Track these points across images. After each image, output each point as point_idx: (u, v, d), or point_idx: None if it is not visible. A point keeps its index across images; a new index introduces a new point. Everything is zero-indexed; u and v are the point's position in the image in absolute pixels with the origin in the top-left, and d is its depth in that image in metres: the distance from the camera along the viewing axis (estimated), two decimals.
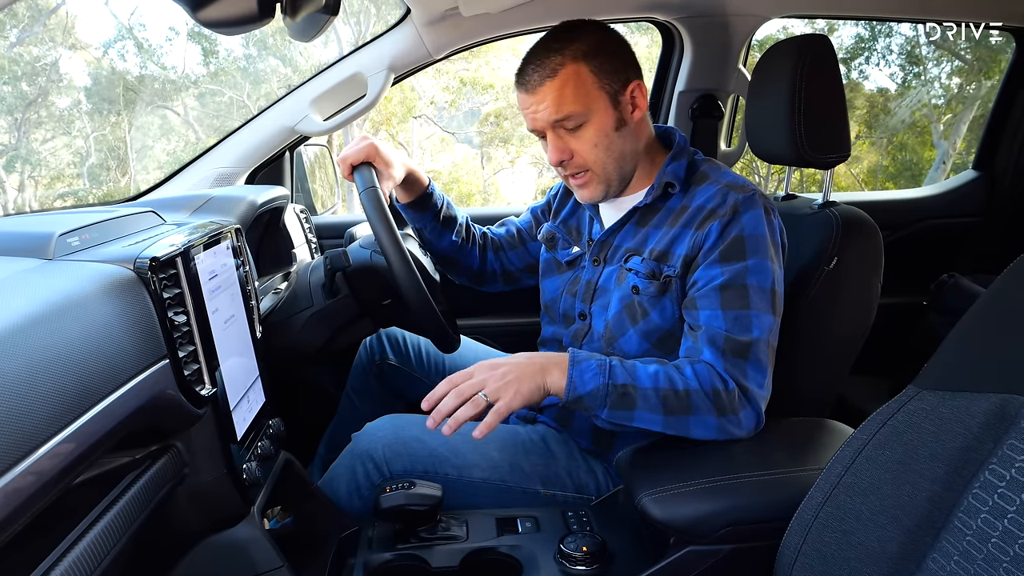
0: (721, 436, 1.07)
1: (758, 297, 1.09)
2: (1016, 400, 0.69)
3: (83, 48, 13.68)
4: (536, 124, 1.18)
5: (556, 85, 1.13)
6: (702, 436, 1.07)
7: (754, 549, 0.97)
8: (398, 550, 1.09)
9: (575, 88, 1.13)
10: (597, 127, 1.16)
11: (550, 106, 1.14)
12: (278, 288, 1.43)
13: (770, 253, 1.12)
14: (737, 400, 1.06)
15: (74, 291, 0.71)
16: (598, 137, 1.16)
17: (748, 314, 1.08)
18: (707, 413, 1.05)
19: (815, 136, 1.28)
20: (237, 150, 1.77)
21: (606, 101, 1.16)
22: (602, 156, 1.18)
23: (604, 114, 1.16)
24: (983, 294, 0.78)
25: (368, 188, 1.19)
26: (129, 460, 0.83)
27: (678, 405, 1.05)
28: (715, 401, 1.05)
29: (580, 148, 1.17)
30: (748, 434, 1.08)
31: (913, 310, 2.11)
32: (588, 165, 1.19)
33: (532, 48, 1.18)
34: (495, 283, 1.59)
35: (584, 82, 1.14)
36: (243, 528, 0.97)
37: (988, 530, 0.66)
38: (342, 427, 1.60)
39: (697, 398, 1.05)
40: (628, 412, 1.05)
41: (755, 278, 1.10)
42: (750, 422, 1.07)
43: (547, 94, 1.14)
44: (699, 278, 1.13)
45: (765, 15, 1.90)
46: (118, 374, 0.71)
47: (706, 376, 1.06)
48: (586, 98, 1.14)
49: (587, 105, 1.14)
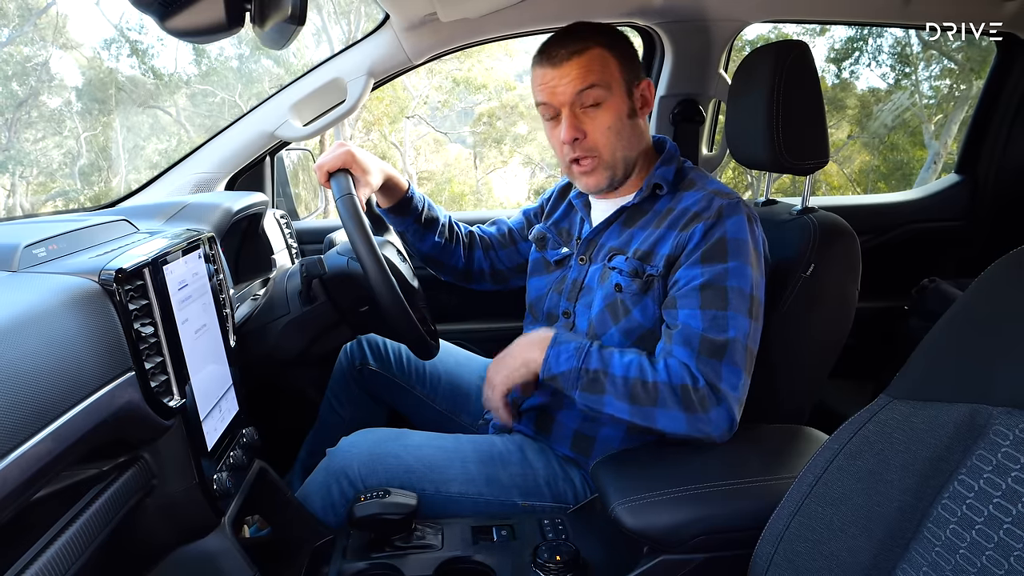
0: (693, 432, 1.07)
1: (737, 299, 1.10)
2: (985, 410, 0.69)
3: (74, 48, 13.63)
4: (556, 98, 1.19)
5: (584, 61, 1.17)
6: (670, 428, 1.08)
7: (727, 558, 0.97)
8: (372, 559, 1.08)
9: (601, 66, 1.18)
10: (613, 110, 1.19)
11: (576, 79, 1.17)
12: (256, 295, 1.42)
13: (751, 258, 1.13)
14: (707, 399, 1.07)
15: (35, 305, 0.71)
16: (612, 120, 1.19)
17: (725, 315, 1.10)
18: (673, 407, 1.07)
19: (793, 142, 1.28)
20: (216, 156, 1.76)
21: (623, 88, 1.20)
22: (613, 141, 1.20)
23: (621, 99, 1.20)
24: (953, 305, 0.78)
25: (344, 195, 1.18)
26: (96, 472, 0.82)
27: (645, 396, 1.07)
28: (683, 397, 1.06)
29: (594, 129, 1.20)
30: (721, 434, 1.08)
31: (895, 314, 2.12)
32: (598, 149, 1.21)
33: (555, 34, 1.22)
34: (483, 282, 1.59)
35: (609, 64, 1.18)
36: (213, 539, 0.97)
37: (957, 541, 0.66)
38: (323, 432, 1.60)
39: (664, 391, 1.07)
40: (598, 396, 1.10)
41: (735, 280, 1.11)
42: (722, 422, 1.07)
43: (573, 68, 1.17)
44: (680, 277, 1.14)
45: (745, 20, 1.90)
46: (79, 388, 0.70)
47: (677, 372, 1.08)
48: (609, 78, 1.18)
49: (608, 84, 1.18)
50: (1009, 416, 0.67)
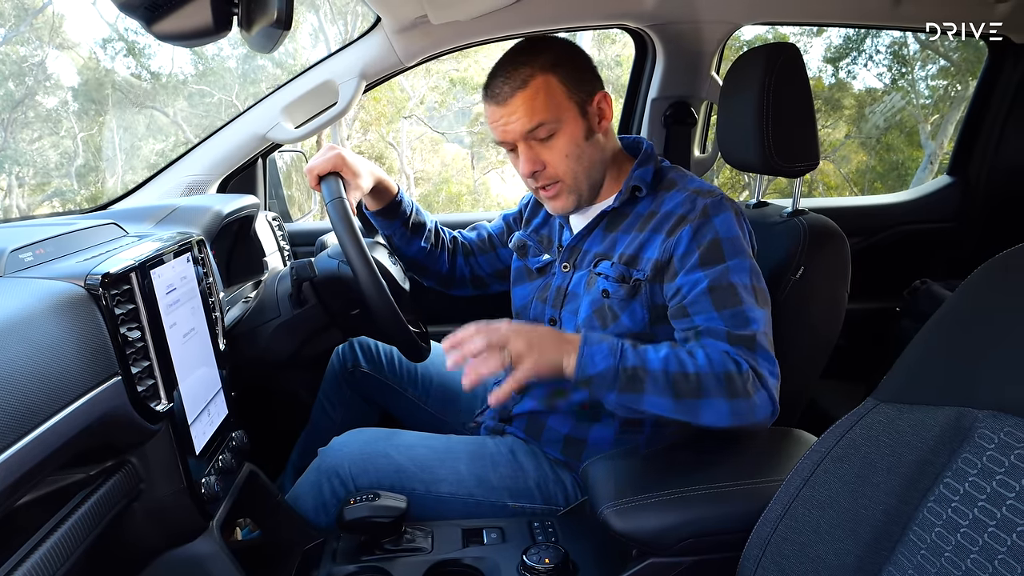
0: (737, 422, 1.04)
1: (746, 293, 1.10)
2: (971, 413, 0.69)
3: (70, 48, 13.59)
4: (507, 136, 1.17)
5: (528, 95, 1.13)
6: (713, 423, 1.04)
7: (716, 561, 0.97)
8: (362, 562, 1.08)
9: (546, 98, 1.14)
10: (568, 136, 1.16)
11: (522, 116, 1.14)
12: (248, 297, 1.42)
13: (747, 251, 1.13)
14: (751, 382, 1.04)
15: (20, 310, 0.71)
16: (569, 147, 1.17)
17: (742, 309, 1.09)
18: (718, 395, 1.03)
19: (784, 144, 1.29)
20: (208, 158, 1.75)
21: (575, 111, 1.17)
22: (573, 166, 1.18)
23: (574, 123, 1.17)
24: (939, 309, 0.78)
25: (334, 199, 1.18)
26: (83, 477, 0.82)
27: (687, 388, 1.03)
28: (727, 383, 1.03)
29: (551, 159, 1.18)
30: (764, 420, 1.06)
31: (887, 315, 2.12)
32: (559, 176, 1.19)
33: (498, 63, 1.18)
34: (464, 287, 1.58)
35: (554, 92, 1.14)
36: (201, 543, 0.97)
37: (942, 544, 0.66)
38: (315, 434, 1.60)
39: (708, 380, 1.03)
40: (637, 395, 1.04)
41: (738, 276, 1.10)
42: (765, 406, 1.05)
43: (518, 105, 1.14)
44: (683, 285, 1.13)
45: (737, 22, 1.90)
46: (64, 393, 0.70)
47: (718, 359, 1.05)
48: (557, 108, 1.15)
49: (558, 115, 1.15)
50: (994, 419, 0.67)
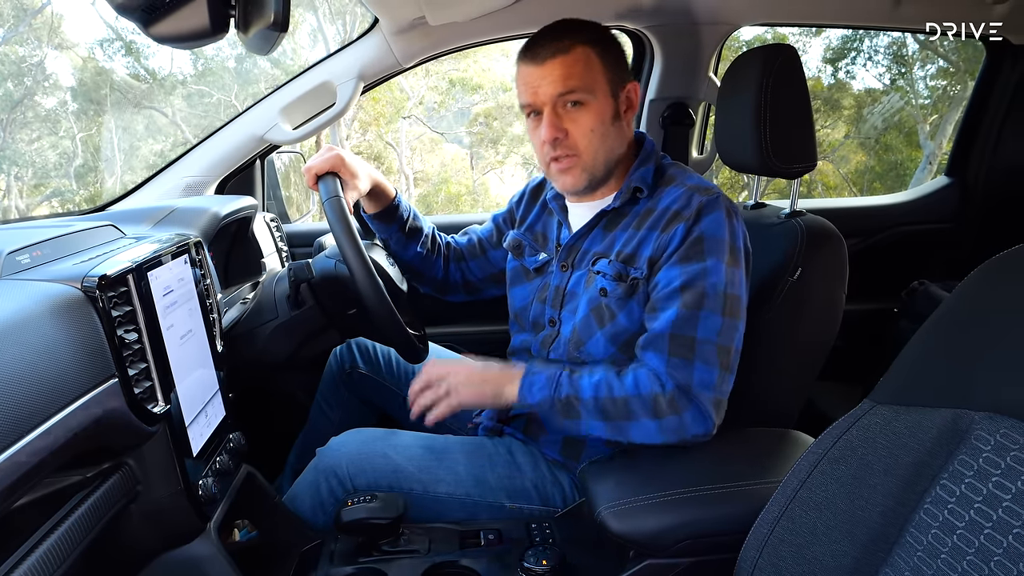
0: (668, 439, 1.08)
1: (711, 300, 1.10)
2: (967, 415, 0.69)
3: (69, 48, 13.59)
4: (538, 98, 1.18)
5: (568, 61, 1.15)
6: (644, 441, 1.10)
7: (713, 562, 0.97)
8: (359, 564, 1.08)
9: (584, 68, 1.16)
10: (596, 112, 1.17)
11: (558, 79, 1.15)
12: (246, 298, 1.42)
13: (726, 256, 1.12)
14: (677, 401, 1.07)
15: (16, 312, 0.71)
16: (595, 122, 1.18)
17: (698, 314, 1.09)
18: (644, 417, 1.08)
19: (781, 145, 1.28)
20: (206, 160, 1.75)
21: (608, 89, 1.18)
22: (595, 143, 1.19)
23: (604, 101, 1.18)
24: (936, 310, 0.78)
25: (331, 198, 1.18)
26: (80, 479, 0.82)
27: (615, 412, 1.09)
28: (653, 405, 1.08)
29: (575, 130, 1.18)
30: (697, 436, 1.08)
31: (885, 317, 2.11)
32: (579, 149, 1.19)
33: (540, 31, 1.20)
34: (457, 293, 1.58)
35: (593, 65, 1.16)
36: (199, 545, 0.97)
37: (938, 546, 0.67)
38: (312, 436, 1.59)
39: (634, 404, 1.08)
40: (576, 421, 1.13)
41: (711, 280, 1.11)
42: (697, 424, 1.08)
43: (556, 66, 1.15)
44: (660, 280, 1.14)
45: (735, 23, 1.90)
46: (61, 395, 0.70)
47: (645, 381, 1.09)
48: (592, 80, 1.16)
49: (592, 87, 1.16)
50: (990, 421, 0.67)
